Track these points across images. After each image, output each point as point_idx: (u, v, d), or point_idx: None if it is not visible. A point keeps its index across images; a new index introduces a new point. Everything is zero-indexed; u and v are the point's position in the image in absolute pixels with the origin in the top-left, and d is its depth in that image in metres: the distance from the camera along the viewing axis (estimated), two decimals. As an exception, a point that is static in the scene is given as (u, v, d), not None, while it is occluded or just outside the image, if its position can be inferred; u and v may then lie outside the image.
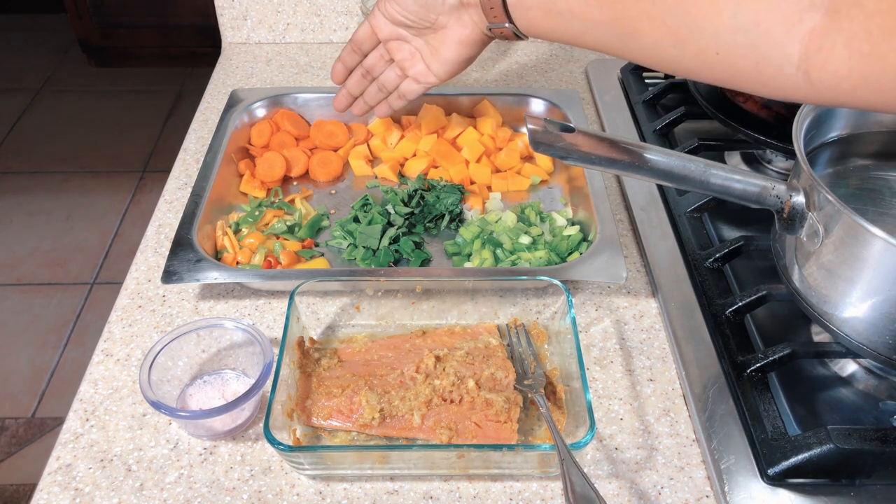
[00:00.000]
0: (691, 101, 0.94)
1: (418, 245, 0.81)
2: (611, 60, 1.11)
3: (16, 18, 3.44)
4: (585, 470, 0.59)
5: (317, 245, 0.82)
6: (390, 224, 0.82)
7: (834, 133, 0.69)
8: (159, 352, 0.62)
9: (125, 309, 0.73)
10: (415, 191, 0.86)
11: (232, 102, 0.94)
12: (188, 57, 3.12)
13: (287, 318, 0.64)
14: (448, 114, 0.95)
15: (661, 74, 1.06)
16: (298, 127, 0.94)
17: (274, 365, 0.60)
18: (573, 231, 0.80)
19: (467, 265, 0.77)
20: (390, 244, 0.79)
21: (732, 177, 0.58)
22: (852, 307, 0.57)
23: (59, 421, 1.81)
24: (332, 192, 0.89)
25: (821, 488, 0.57)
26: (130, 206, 2.48)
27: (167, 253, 0.73)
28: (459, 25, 0.70)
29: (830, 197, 0.54)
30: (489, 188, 0.89)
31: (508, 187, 0.89)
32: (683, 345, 0.68)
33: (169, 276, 0.70)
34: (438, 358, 0.64)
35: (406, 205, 0.84)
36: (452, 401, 0.61)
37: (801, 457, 0.56)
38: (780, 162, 0.90)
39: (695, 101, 0.92)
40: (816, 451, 0.56)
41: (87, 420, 0.63)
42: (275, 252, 0.78)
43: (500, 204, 0.86)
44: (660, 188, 0.86)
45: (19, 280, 2.20)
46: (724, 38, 0.51)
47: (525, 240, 0.79)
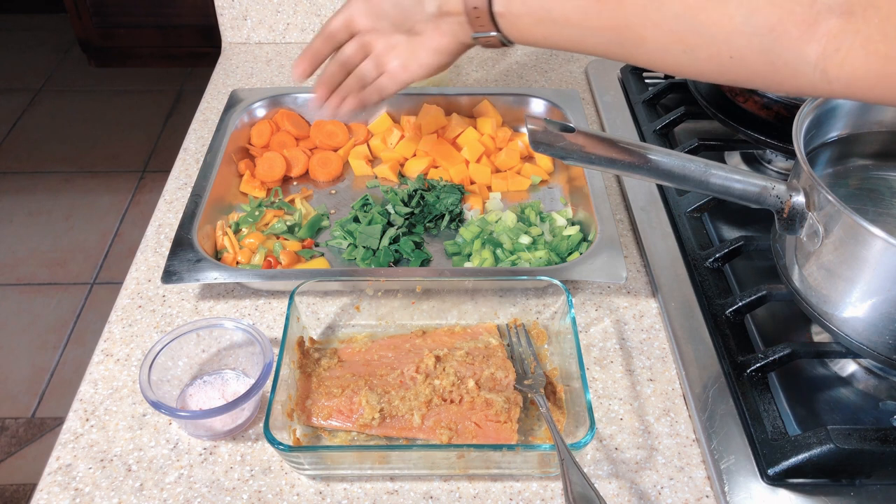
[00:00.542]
0: (691, 101, 0.94)
1: (418, 245, 0.81)
2: (611, 60, 1.11)
3: (16, 18, 3.44)
4: (585, 470, 0.59)
5: (317, 245, 0.82)
6: (390, 224, 0.82)
7: (834, 133, 0.69)
8: (159, 352, 0.62)
9: (125, 309, 0.73)
10: (415, 191, 0.86)
11: (232, 102, 0.94)
12: (188, 57, 3.12)
13: (287, 318, 0.64)
14: (448, 114, 0.95)
15: (661, 74, 1.06)
16: (298, 127, 0.94)
17: (274, 365, 0.60)
18: (573, 231, 0.80)
19: (467, 265, 0.77)
20: (390, 244, 0.79)
21: (732, 177, 0.58)
22: (852, 307, 0.57)
23: (59, 421, 1.81)
24: (332, 192, 0.89)
25: (821, 488, 0.57)
26: (130, 206, 2.48)
27: (167, 253, 0.73)
28: (437, 34, 0.66)
29: (830, 197, 0.54)
30: (489, 188, 0.89)
31: (508, 187, 0.89)
32: (683, 345, 0.68)
33: (169, 276, 0.70)
34: (438, 358, 0.64)
35: (406, 205, 0.84)
36: (452, 401, 0.61)
37: (801, 457, 0.56)
38: (780, 162, 0.90)
39: (695, 101, 0.92)
40: (816, 451, 0.56)
41: (87, 420, 0.63)
42: (275, 252, 0.78)
43: (500, 204, 0.86)
44: (660, 188, 0.86)
45: (19, 280, 2.20)
46: (738, 43, 0.50)
47: (525, 240, 0.79)
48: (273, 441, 0.54)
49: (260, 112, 0.94)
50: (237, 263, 0.77)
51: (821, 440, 0.56)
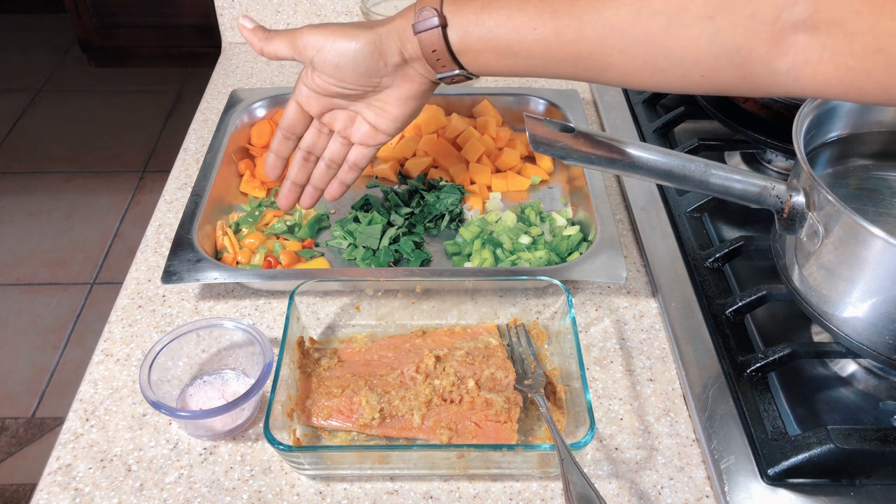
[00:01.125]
0: (691, 101, 0.94)
1: (418, 245, 0.81)
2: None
3: (16, 18, 3.45)
4: (585, 470, 0.59)
5: (317, 245, 0.82)
6: (390, 224, 0.82)
7: (834, 133, 0.69)
8: (159, 352, 0.62)
9: (125, 309, 0.74)
10: (415, 191, 0.86)
11: (232, 102, 0.94)
12: (188, 57, 3.12)
13: (287, 318, 0.64)
14: (448, 114, 0.95)
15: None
16: (298, 127, 0.94)
17: (274, 365, 0.60)
18: (573, 231, 0.80)
19: (467, 265, 0.77)
20: (390, 244, 0.79)
21: (732, 177, 0.58)
22: (852, 307, 0.57)
23: (59, 421, 1.81)
24: (332, 192, 0.89)
25: (821, 488, 0.57)
26: (130, 206, 2.48)
27: (167, 253, 0.73)
28: (406, 81, 0.64)
29: (830, 197, 0.54)
30: (489, 188, 0.89)
31: (508, 187, 0.89)
32: (683, 345, 0.68)
33: (169, 276, 0.70)
34: (438, 358, 0.64)
35: (406, 205, 0.84)
36: (452, 401, 0.61)
37: (801, 457, 0.56)
38: (780, 162, 0.90)
39: (695, 101, 0.92)
40: (816, 451, 0.56)
41: (87, 420, 0.63)
42: (275, 252, 0.78)
43: (500, 204, 0.86)
44: (660, 188, 0.86)
45: (19, 280, 2.20)
46: (707, 64, 0.51)
47: (525, 240, 0.79)
48: (273, 441, 0.54)
49: (260, 112, 0.94)
50: (237, 263, 0.77)
51: (821, 440, 0.56)
